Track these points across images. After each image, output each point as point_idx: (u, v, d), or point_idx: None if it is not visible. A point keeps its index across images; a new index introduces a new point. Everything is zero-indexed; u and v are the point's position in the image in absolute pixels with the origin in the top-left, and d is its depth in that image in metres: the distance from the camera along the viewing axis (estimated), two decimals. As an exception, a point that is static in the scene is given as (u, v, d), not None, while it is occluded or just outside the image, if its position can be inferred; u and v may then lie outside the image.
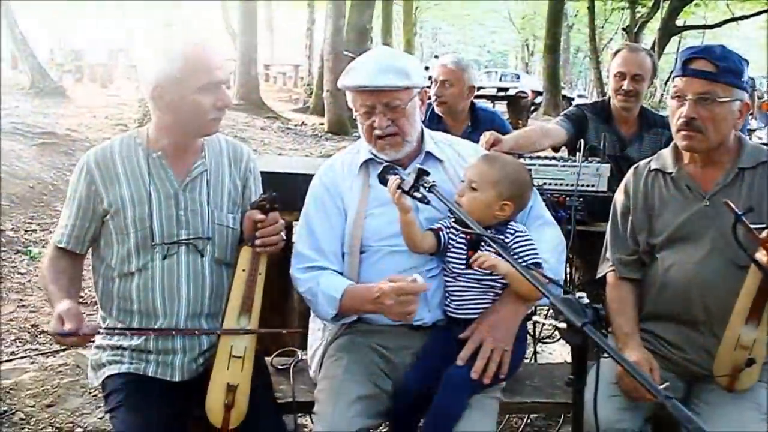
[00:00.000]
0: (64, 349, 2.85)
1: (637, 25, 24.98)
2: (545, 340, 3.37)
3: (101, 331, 2.30)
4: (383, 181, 2.29)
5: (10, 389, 3.84)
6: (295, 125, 17.39)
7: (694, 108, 2.31)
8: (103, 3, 34.60)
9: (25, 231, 6.84)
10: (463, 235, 2.31)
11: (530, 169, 3.14)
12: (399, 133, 2.38)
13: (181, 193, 2.37)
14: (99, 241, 2.41)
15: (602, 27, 33.89)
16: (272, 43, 39.06)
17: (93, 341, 2.29)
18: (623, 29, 25.98)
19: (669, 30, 21.67)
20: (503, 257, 1.85)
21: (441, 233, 2.35)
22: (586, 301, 1.60)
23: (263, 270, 2.36)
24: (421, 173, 2.16)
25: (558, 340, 3.98)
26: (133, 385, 2.30)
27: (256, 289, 2.34)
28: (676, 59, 3.13)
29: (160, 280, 2.33)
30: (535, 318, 2.52)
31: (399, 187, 2.19)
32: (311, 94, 21.03)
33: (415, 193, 2.14)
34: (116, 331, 2.36)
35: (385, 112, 2.35)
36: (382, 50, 2.52)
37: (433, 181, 2.13)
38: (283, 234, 2.40)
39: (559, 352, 4.44)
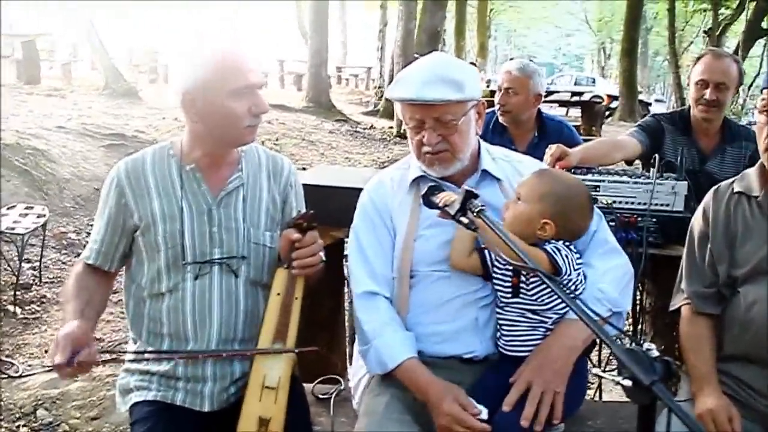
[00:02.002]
0: (113, 359, 2.72)
1: (720, 28, 24.13)
2: (611, 373, 3.10)
3: (104, 357, 2.15)
4: (429, 203, 2.07)
5: (57, 399, 3.79)
6: (364, 129, 17.32)
7: (786, 125, 2.05)
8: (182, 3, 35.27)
9: (87, 234, 6.86)
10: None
11: (598, 186, 2.92)
12: (450, 150, 2.17)
13: (215, 208, 2.21)
14: (130, 259, 2.28)
15: (682, 29, 32.92)
16: (345, 45, 39.21)
17: (118, 365, 2.16)
18: (705, 32, 25.18)
19: (754, 33, 20.79)
20: (557, 293, 1.62)
21: (487, 253, 2.13)
22: (656, 353, 1.37)
23: (300, 294, 2.18)
24: (469, 195, 1.91)
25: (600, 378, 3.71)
26: (160, 414, 2.16)
27: (292, 314, 2.16)
28: (761, 64, 2.89)
29: (191, 301, 2.18)
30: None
31: (444, 210, 1.97)
32: (381, 96, 20.93)
33: (462, 218, 1.91)
34: (120, 355, 2.23)
35: (436, 127, 2.14)
36: (435, 58, 2.27)
37: (482, 205, 1.89)
38: (322, 254, 2.22)
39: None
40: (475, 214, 1.86)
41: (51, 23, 25.88)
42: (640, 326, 3.51)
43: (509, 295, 2.13)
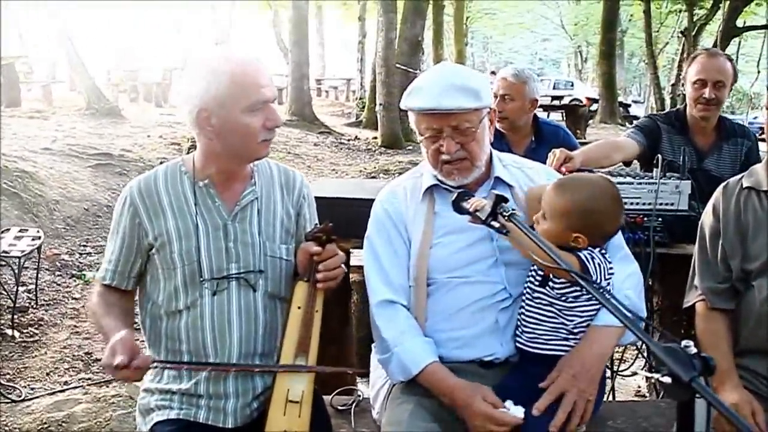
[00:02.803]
0: (165, 366, 2.71)
1: (696, 28, 24.34)
2: (623, 373, 3.13)
3: (154, 365, 2.14)
4: (459, 209, 2.07)
5: (63, 422, 3.75)
6: (349, 140, 17.32)
7: (793, 119, 2.07)
8: (158, 22, 35.18)
9: (80, 254, 6.82)
10: None
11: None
12: (468, 158, 2.19)
13: (230, 223, 2.21)
14: (145, 277, 2.26)
15: (657, 31, 33.14)
16: (323, 57, 39.21)
17: (147, 374, 2.14)
18: (681, 32, 25.35)
19: (729, 32, 21.00)
20: (591, 294, 1.63)
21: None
22: (694, 350, 1.38)
23: (320, 307, 2.17)
24: (499, 200, 1.93)
25: (634, 375, 3.73)
26: (183, 432, 2.14)
27: (314, 328, 2.15)
28: (736, 62, 2.95)
29: (209, 318, 2.16)
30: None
31: (476, 215, 1.97)
32: (363, 107, 20.96)
33: (493, 222, 1.92)
34: (166, 370, 2.20)
35: (454, 135, 2.16)
36: (448, 67, 2.30)
37: (513, 209, 1.92)
38: (344, 267, 2.22)
39: (633, 384, 4.18)
40: (506, 218, 1.87)
41: (29, 44, 25.70)
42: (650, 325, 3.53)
43: (537, 284, 2.13)
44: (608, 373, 2.81)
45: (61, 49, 15.30)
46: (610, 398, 3.30)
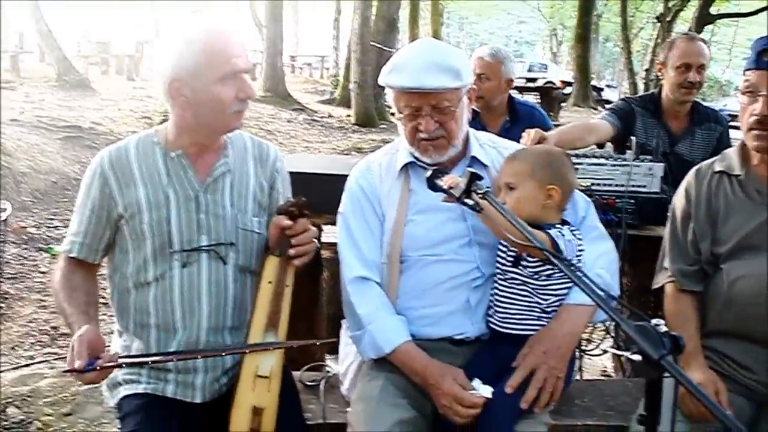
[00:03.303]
0: (133, 363, 2.66)
1: (671, 14, 24.45)
2: (590, 353, 3.15)
3: (120, 362, 2.09)
4: (433, 186, 2.06)
5: (28, 396, 3.70)
6: (322, 117, 17.24)
7: (768, 105, 2.08)
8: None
9: (47, 227, 6.74)
10: None
11: (577, 169, 2.95)
12: (446, 137, 2.18)
13: (202, 194, 2.17)
14: (114, 248, 2.22)
15: (632, 16, 33.28)
16: (297, 34, 38.95)
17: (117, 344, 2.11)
18: (656, 18, 25.45)
19: (703, 19, 21.13)
20: (564, 272, 1.63)
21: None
22: (664, 328, 1.39)
23: (291, 282, 2.15)
24: (474, 178, 1.92)
25: (603, 353, 3.76)
26: (151, 407, 2.11)
27: (284, 302, 2.13)
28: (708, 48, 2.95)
29: (179, 290, 2.13)
30: None
31: (450, 192, 1.96)
32: (337, 85, 20.88)
33: (467, 200, 1.91)
34: (137, 360, 2.16)
35: (433, 114, 2.14)
36: (428, 44, 2.27)
37: (488, 187, 1.91)
38: (316, 242, 2.20)
39: (600, 364, 4.21)
40: (480, 195, 1.87)
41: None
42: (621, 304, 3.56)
43: (509, 264, 2.14)
44: (576, 353, 2.82)
45: (30, 18, 15.01)
46: (578, 377, 3.33)
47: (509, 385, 2.04)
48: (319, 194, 2.48)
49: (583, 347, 3.08)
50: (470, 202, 1.89)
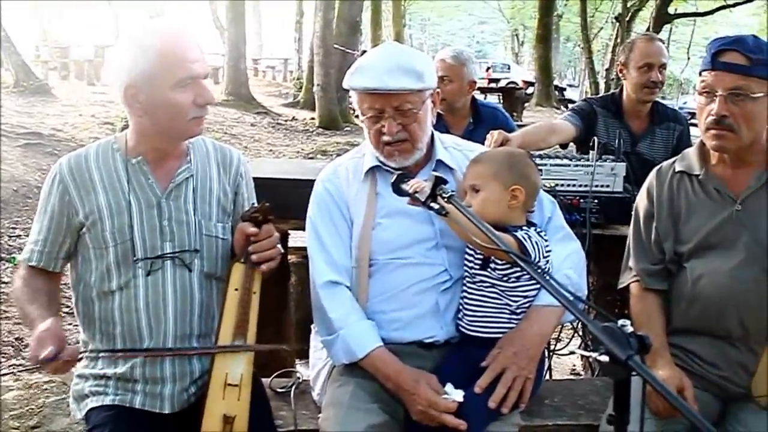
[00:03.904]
0: (94, 357, 2.62)
1: (629, 14, 24.78)
2: (559, 352, 3.18)
3: (84, 355, 2.08)
4: (399, 191, 2.06)
5: (-7, 409, 3.64)
6: (286, 120, 17.18)
7: (724, 105, 2.12)
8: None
9: (9, 237, 6.62)
10: None
11: (540, 170, 2.97)
12: (409, 140, 2.18)
13: (165, 201, 2.15)
14: (76, 257, 2.19)
15: (592, 16, 33.60)
16: (260, 37, 38.77)
17: (75, 366, 2.08)
18: (615, 18, 25.76)
19: (661, 18, 21.44)
20: (530, 274, 1.64)
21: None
22: (630, 329, 1.41)
23: (258, 288, 2.14)
24: (439, 181, 1.93)
25: (571, 354, 3.80)
26: (119, 418, 2.09)
27: (251, 309, 2.12)
28: (667, 49, 3.00)
29: (144, 299, 2.11)
30: None
31: (415, 196, 1.97)
32: (301, 88, 20.82)
33: (433, 204, 1.92)
34: (101, 355, 2.14)
35: (395, 116, 2.15)
36: (392, 47, 2.29)
37: (453, 191, 1.92)
38: (279, 247, 2.19)
39: (569, 363, 4.25)
40: (445, 199, 1.88)
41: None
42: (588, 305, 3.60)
43: (478, 267, 2.15)
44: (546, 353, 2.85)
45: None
46: (547, 377, 3.36)
47: (478, 385, 2.05)
48: (284, 199, 2.49)
49: (552, 347, 3.11)
50: (436, 206, 1.90)
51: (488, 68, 30.70)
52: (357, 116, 2.27)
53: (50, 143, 9.56)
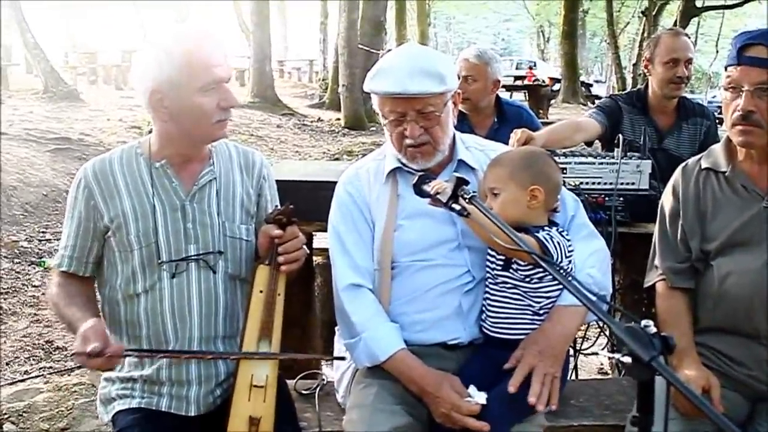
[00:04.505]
0: (78, 367, 2.64)
1: (656, 8, 24.56)
2: (585, 351, 3.16)
3: (127, 353, 2.10)
4: (420, 192, 2.06)
5: (24, 412, 3.69)
6: (312, 121, 17.24)
7: (751, 100, 2.09)
8: (116, 3, 34.56)
9: (39, 241, 6.71)
10: None
11: (565, 168, 2.96)
12: (431, 143, 2.18)
13: (188, 204, 2.17)
14: (103, 262, 2.22)
15: (618, 10, 33.38)
16: (286, 38, 38.92)
17: (121, 362, 2.11)
18: (641, 13, 25.55)
19: (689, 11, 21.25)
20: (552, 275, 1.63)
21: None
22: (654, 329, 1.39)
23: (282, 290, 2.15)
24: (460, 182, 1.92)
25: (595, 355, 3.77)
26: (145, 421, 2.12)
27: (276, 311, 2.13)
28: (695, 42, 2.95)
29: (169, 301, 2.14)
30: None
31: (436, 198, 1.96)
32: (326, 89, 20.87)
33: (454, 205, 1.91)
34: (143, 354, 2.16)
35: (418, 119, 2.14)
36: (413, 49, 2.28)
37: (474, 192, 1.91)
38: (305, 249, 2.21)
39: (596, 362, 4.22)
40: (467, 200, 1.87)
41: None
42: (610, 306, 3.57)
43: (500, 268, 2.13)
44: (571, 352, 2.83)
45: (16, 30, 14.96)
46: (573, 377, 3.34)
47: (512, 384, 2.02)
48: (308, 201, 2.49)
49: (578, 346, 3.09)
50: (457, 207, 1.89)
51: (518, 65, 30.53)
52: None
53: (79, 148, 9.67)
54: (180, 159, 2.19)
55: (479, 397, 2.00)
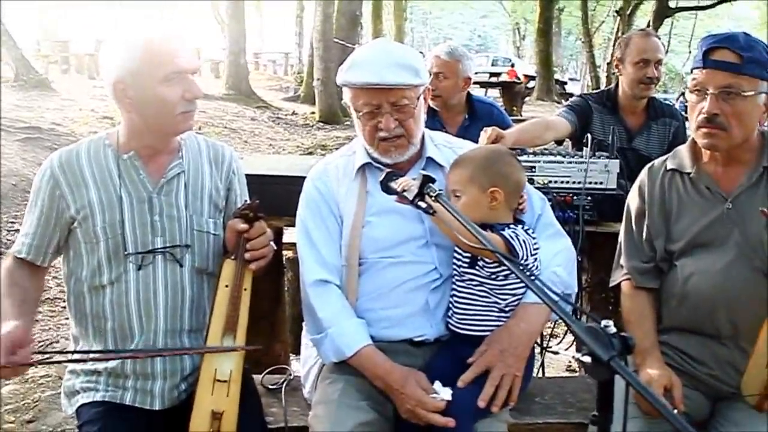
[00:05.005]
0: (47, 359, 2.61)
1: (630, 8, 24.74)
2: (551, 349, 3.18)
3: (35, 360, 2.01)
4: (387, 189, 2.05)
5: (-12, 404, 3.65)
6: (286, 115, 17.19)
7: (716, 103, 2.11)
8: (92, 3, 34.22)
9: (8, 231, 6.62)
10: None
11: (533, 167, 2.98)
12: (405, 135, 2.18)
13: (156, 196, 2.17)
14: (68, 252, 2.20)
15: (593, 9, 33.60)
16: (262, 31, 38.73)
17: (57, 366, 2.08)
18: (616, 12, 25.72)
19: (663, 12, 21.42)
20: (516, 274, 1.64)
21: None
22: (614, 329, 1.41)
23: (248, 285, 2.15)
24: (427, 180, 1.92)
25: (568, 348, 3.80)
26: (109, 414, 2.10)
27: (241, 306, 2.13)
28: (668, 42, 2.98)
29: (135, 293, 2.13)
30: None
31: (403, 195, 1.96)
32: (301, 82, 20.82)
33: (420, 203, 1.91)
34: (91, 355, 2.14)
35: (392, 112, 2.15)
36: (385, 43, 2.29)
37: (440, 190, 1.92)
38: (272, 245, 2.20)
39: (564, 360, 4.26)
40: (433, 198, 1.87)
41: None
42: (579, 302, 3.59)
43: (466, 265, 2.14)
44: (537, 350, 2.85)
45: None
46: (540, 374, 3.37)
47: (462, 380, 2.05)
48: (279, 196, 2.49)
49: (545, 343, 3.11)
50: (423, 204, 1.90)
51: (494, 62, 30.59)
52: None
53: (49, 137, 9.56)
54: (148, 151, 2.18)
55: (445, 393, 2.01)
